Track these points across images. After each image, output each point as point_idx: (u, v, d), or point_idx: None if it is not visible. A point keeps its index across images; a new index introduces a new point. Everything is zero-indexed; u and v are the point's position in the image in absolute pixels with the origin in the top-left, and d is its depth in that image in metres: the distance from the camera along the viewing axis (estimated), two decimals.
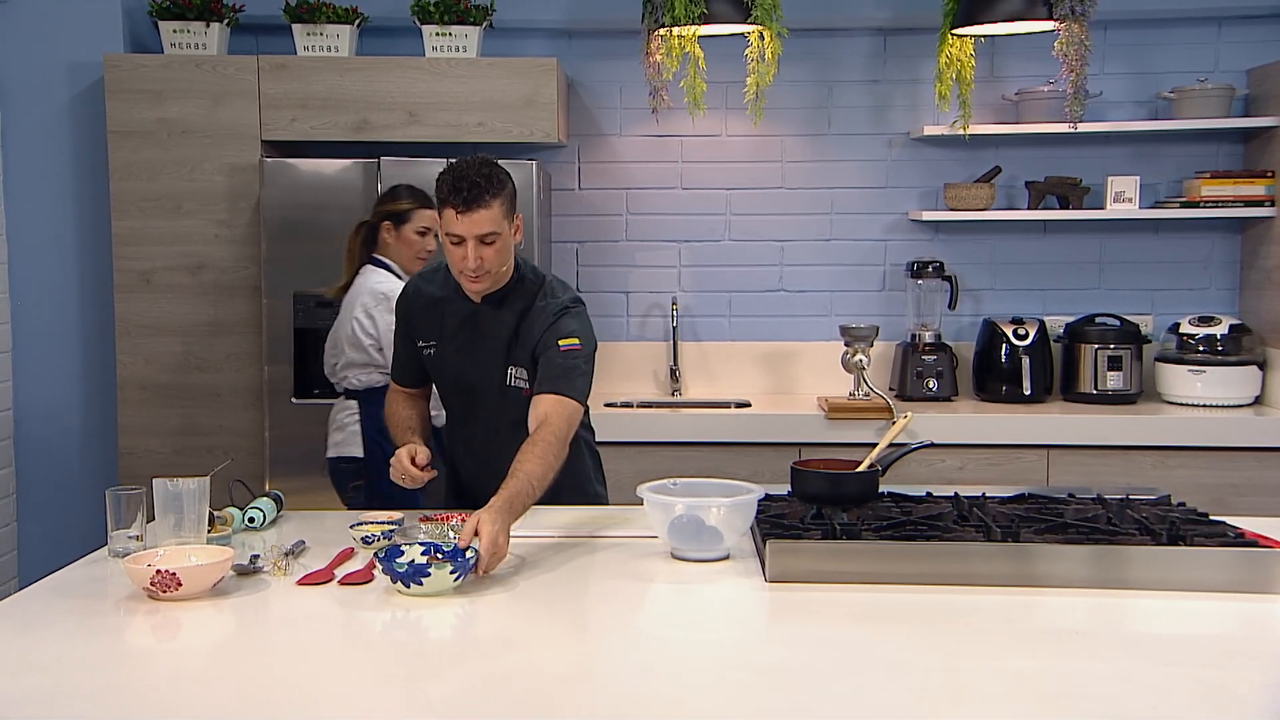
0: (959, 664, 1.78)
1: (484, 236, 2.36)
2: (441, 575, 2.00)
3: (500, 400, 2.55)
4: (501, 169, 2.41)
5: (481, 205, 2.33)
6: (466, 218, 2.33)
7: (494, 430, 2.57)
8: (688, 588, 2.12)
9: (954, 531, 2.18)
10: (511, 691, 1.65)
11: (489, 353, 2.53)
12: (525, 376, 2.51)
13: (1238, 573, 2.03)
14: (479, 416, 2.60)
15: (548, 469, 2.30)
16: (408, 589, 2.01)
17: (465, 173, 2.34)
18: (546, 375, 2.44)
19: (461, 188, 2.32)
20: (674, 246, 4.24)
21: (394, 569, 2.02)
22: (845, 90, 4.17)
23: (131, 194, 3.73)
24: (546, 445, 2.31)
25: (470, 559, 2.04)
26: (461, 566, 2.03)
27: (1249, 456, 3.62)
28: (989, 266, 4.18)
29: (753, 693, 1.65)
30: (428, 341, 2.60)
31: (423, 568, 2.01)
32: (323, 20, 3.77)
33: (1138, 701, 1.58)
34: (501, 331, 2.52)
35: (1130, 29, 4.08)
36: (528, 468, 2.26)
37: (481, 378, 2.55)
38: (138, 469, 3.66)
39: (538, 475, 2.26)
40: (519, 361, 2.52)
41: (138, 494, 2.25)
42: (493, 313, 2.52)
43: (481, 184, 2.33)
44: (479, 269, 2.39)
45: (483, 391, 2.57)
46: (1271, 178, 3.88)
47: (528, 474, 2.25)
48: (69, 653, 1.78)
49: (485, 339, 2.54)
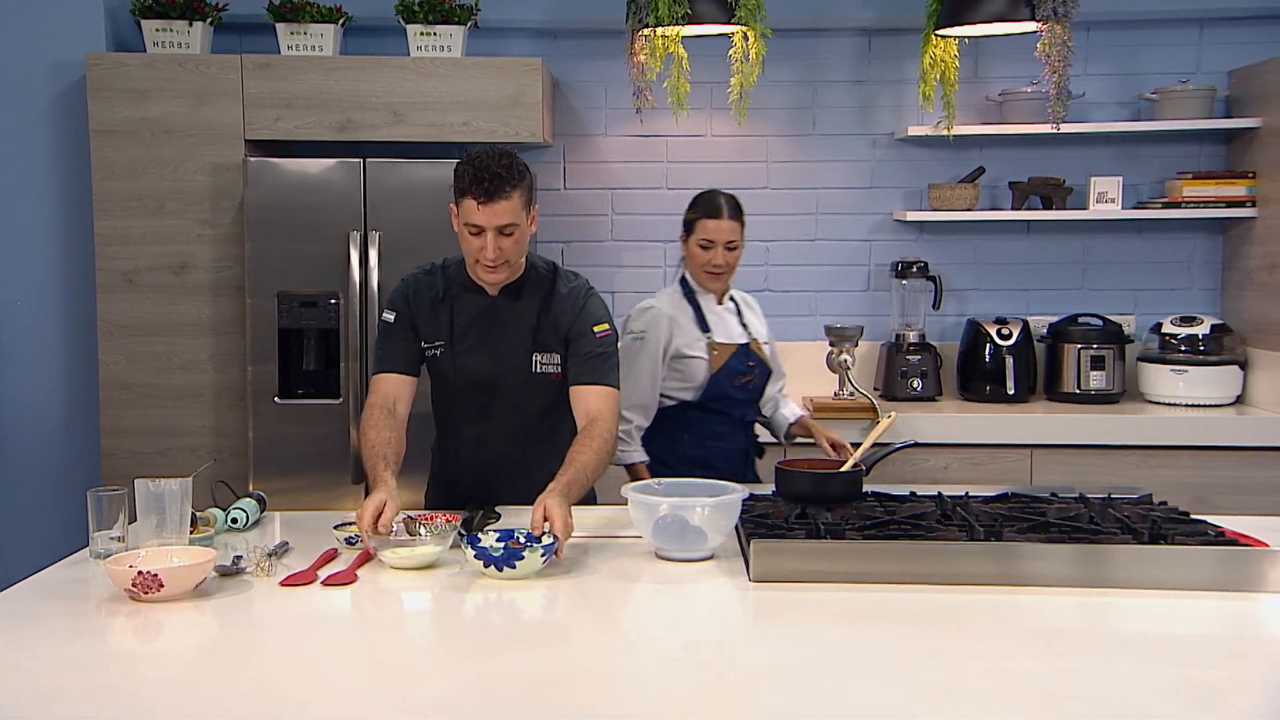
0: (942, 663, 1.79)
1: (504, 227, 2.38)
2: (533, 558, 2.10)
3: (526, 390, 2.56)
4: (521, 160, 2.43)
5: (503, 196, 2.35)
6: (487, 208, 2.36)
7: (515, 423, 2.57)
8: (672, 588, 2.12)
9: (937, 531, 2.18)
10: (497, 693, 1.65)
11: (512, 344, 2.54)
12: (556, 361, 2.55)
13: (1219, 571, 2.04)
14: (496, 411, 2.58)
15: (601, 464, 2.40)
16: (500, 572, 2.10)
17: (486, 164, 2.36)
18: (588, 366, 2.51)
19: (483, 178, 2.34)
20: (659, 246, 4.24)
21: (488, 554, 2.11)
22: (830, 91, 4.18)
23: (114, 193, 3.71)
24: (603, 441, 2.42)
25: (553, 543, 2.14)
26: (548, 549, 2.13)
27: (1231, 456, 3.65)
28: (973, 267, 4.20)
29: (736, 692, 1.65)
30: (432, 342, 2.57)
31: (517, 552, 2.10)
32: (307, 20, 3.76)
33: (1118, 699, 1.59)
34: (524, 321, 2.53)
35: (1113, 30, 4.10)
36: (584, 459, 2.36)
37: (503, 371, 2.54)
38: (121, 470, 3.64)
39: (592, 467, 2.37)
40: (547, 348, 2.54)
41: (120, 495, 2.24)
42: (512, 304, 2.54)
43: (503, 175, 2.35)
44: (498, 259, 2.41)
45: (504, 385, 2.55)
46: (1253, 178, 3.90)
47: (583, 465, 2.35)
48: (50, 654, 1.77)
49: (507, 330, 2.54)
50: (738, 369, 3.01)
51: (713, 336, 3.02)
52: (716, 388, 3.00)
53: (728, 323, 3.08)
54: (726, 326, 3.07)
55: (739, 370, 3.02)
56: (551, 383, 2.55)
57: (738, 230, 3.02)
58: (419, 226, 3.56)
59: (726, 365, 3.00)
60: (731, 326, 3.08)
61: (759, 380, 3.07)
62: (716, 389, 3.00)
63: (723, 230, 2.98)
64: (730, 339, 3.04)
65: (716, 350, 3.00)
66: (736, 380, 3.01)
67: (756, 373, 3.06)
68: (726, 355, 3.01)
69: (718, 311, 3.08)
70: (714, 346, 3.00)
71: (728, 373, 3.00)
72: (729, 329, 3.07)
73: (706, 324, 3.03)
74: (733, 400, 3.02)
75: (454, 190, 2.40)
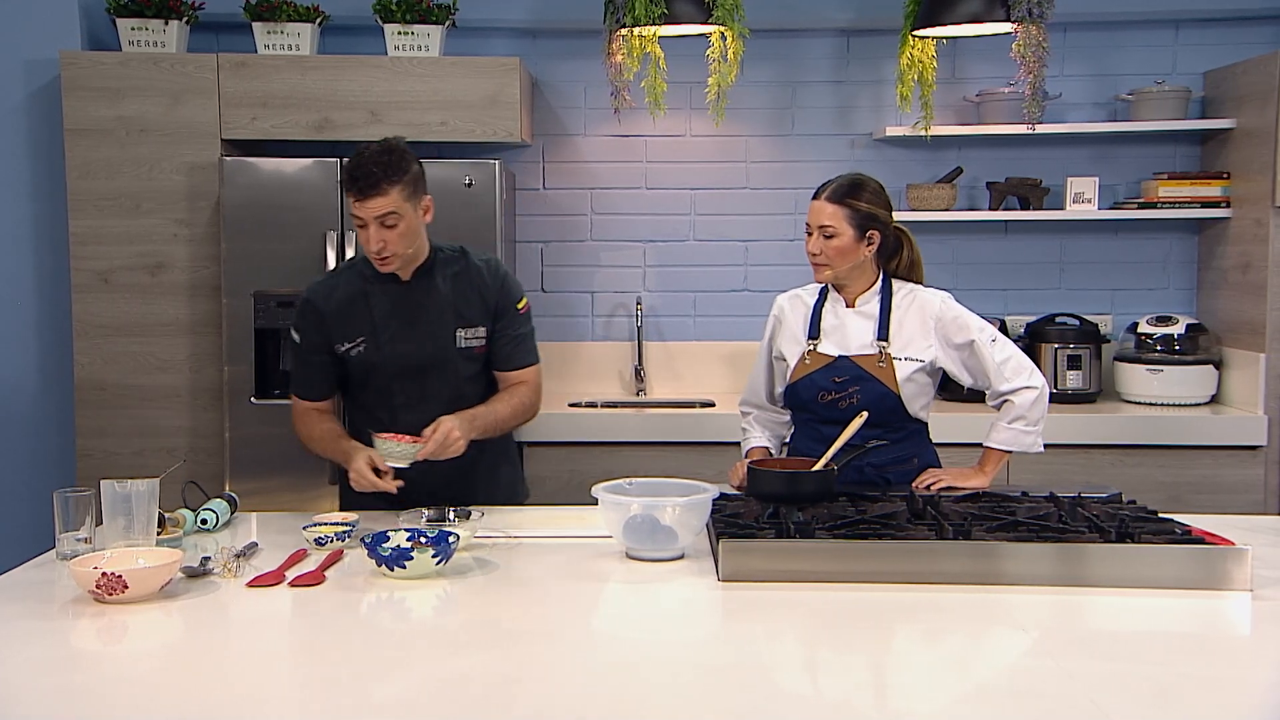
0: (910, 662, 1.80)
1: (383, 219, 2.46)
2: (424, 559, 2.10)
3: (455, 365, 2.63)
4: (402, 154, 2.50)
5: (377, 193, 2.45)
6: (363, 204, 2.46)
7: (450, 400, 2.60)
8: (642, 587, 2.12)
9: (907, 530, 2.19)
10: (463, 693, 1.64)
11: (434, 323, 2.60)
12: (481, 335, 2.64)
13: (1185, 570, 2.05)
14: (430, 392, 2.62)
15: (514, 417, 2.64)
16: (391, 572, 2.11)
17: (363, 161, 2.46)
18: (508, 353, 2.67)
19: (358, 176, 2.45)
20: (639, 246, 4.24)
21: (379, 553, 2.11)
22: (808, 91, 4.18)
23: (89, 193, 3.70)
24: (520, 400, 2.65)
25: (453, 544, 2.16)
26: (443, 551, 2.12)
27: (1205, 454, 3.66)
28: (951, 266, 4.20)
29: (706, 691, 1.65)
30: (354, 340, 2.61)
31: (406, 551, 2.10)
32: (283, 19, 3.75)
33: (1084, 697, 1.60)
34: (443, 299, 2.61)
35: (1089, 31, 4.12)
36: (498, 407, 2.61)
37: (430, 351, 2.60)
38: (97, 470, 3.61)
39: (504, 415, 2.61)
40: (470, 321, 2.63)
41: (86, 496, 2.23)
42: (426, 285, 2.61)
43: (378, 172, 2.45)
44: (382, 250, 2.50)
45: (434, 364, 2.61)
46: (1227, 179, 3.92)
47: (496, 410, 2.59)
48: (11, 655, 1.76)
49: (427, 311, 2.60)
50: (821, 384, 2.65)
51: (817, 344, 2.68)
52: (794, 398, 2.71)
53: (849, 330, 2.68)
54: (844, 334, 2.68)
55: (822, 386, 2.65)
56: (477, 356, 2.65)
57: (839, 215, 2.60)
58: None
59: (809, 378, 2.66)
60: (853, 335, 2.67)
61: (860, 400, 2.61)
62: (794, 399, 2.71)
63: (815, 211, 2.63)
64: (834, 350, 2.67)
65: (809, 359, 2.67)
66: (820, 396, 2.65)
67: (851, 391, 2.63)
68: (816, 366, 2.66)
69: (843, 316, 2.69)
70: (809, 355, 2.68)
71: (808, 385, 2.66)
72: (846, 338, 2.67)
73: (818, 329, 2.70)
74: (817, 416, 2.68)
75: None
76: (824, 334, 2.70)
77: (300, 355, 2.67)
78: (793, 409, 2.77)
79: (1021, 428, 2.64)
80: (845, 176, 2.69)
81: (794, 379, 2.70)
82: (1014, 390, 2.64)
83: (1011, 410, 2.64)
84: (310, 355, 2.64)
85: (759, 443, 2.83)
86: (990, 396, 2.70)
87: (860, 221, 2.62)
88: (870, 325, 2.67)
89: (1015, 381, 2.64)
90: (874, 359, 2.64)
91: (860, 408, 2.59)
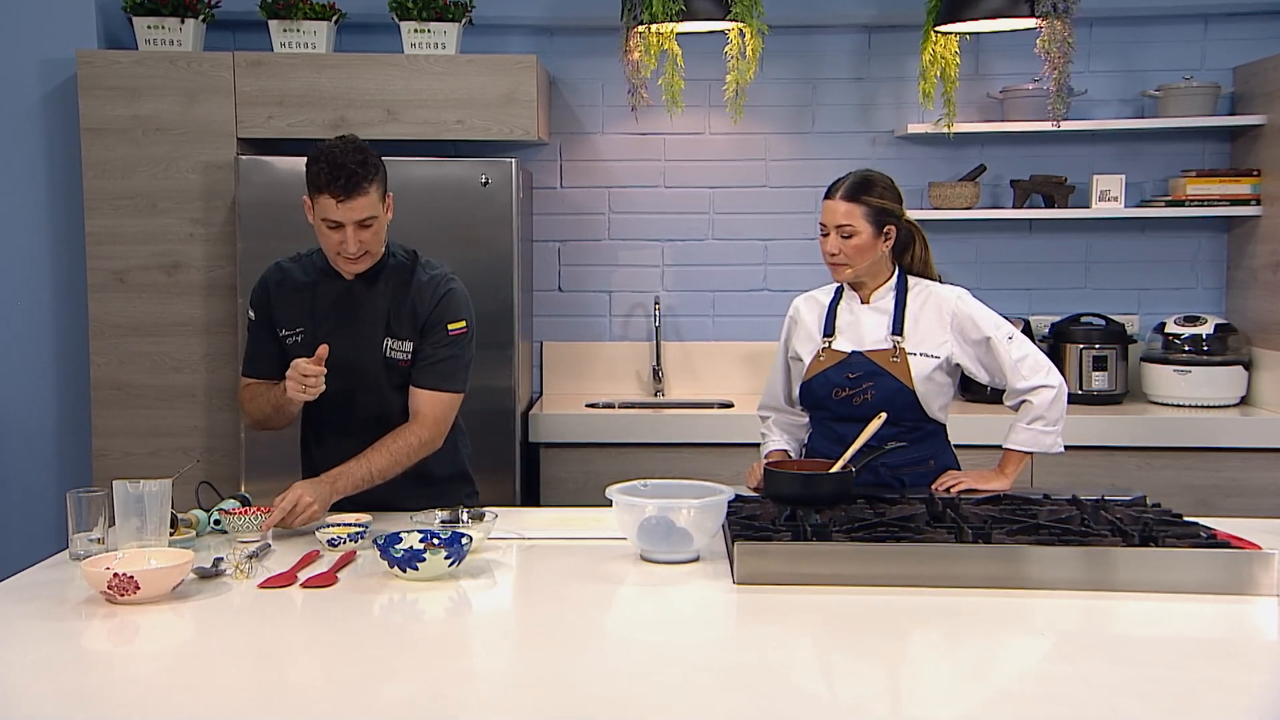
0: (927, 667, 1.76)
1: (363, 221, 2.41)
2: (437, 560, 2.07)
3: (381, 374, 2.57)
4: (373, 152, 2.45)
5: (360, 193, 2.39)
6: (346, 205, 2.39)
7: (379, 405, 2.57)
8: (656, 590, 2.09)
9: (926, 533, 2.15)
10: (475, 694, 1.62)
11: (367, 327, 2.55)
12: (407, 350, 2.56)
13: (1209, 574, 2.00)
14: (360, 395, 2.57)
15: (394, 467, 2.47)
16: (404, 573, 2.08)
17: (341, 160, 2.38)
18: (429, 368, 2.54)
19: (339, 176, 2.37)
20: (657, 245, 4.20)
21: (391, 554, 2.09)
22: (829, 88, 4.14)
23: (105, 192, 3.69)
24: (405, 444, 2.48)
25: (466, 546, 2.12)
26: (456, 553, 2.10)
27: (1234, 457, 3.59)
28: (974, 266, 4.15)
29: (719, 695, 1.62)
30: (293, 329, 2.58)
31: (419, 553, 2.08)
32: (300, 17, 3.74)
33: (1105, 702, 1.56)
34: (377, 305, 2.55)
35: (1116, 26, 4.05)
36: (372, 459, 2.45)
37: (361, 354, 2.55)
38: (112, 471, 3.61)
39: (380, 468, 2.45)
40: (398, 334, 2.56)
41: (99, 496, 2.21)
42: (367, 288, 2.56)
43: (359, 171, 2.38)
44: (359, 251, 2.45)
45: (363, 368, 2.56)
46: (1258, 176, 3.85)
47: (370, 464, 2.45)
48: (18, 656, 1.75)
49: (361, 314, 2.56)
50: (834, 380, 2.62)
51: (831, 341, 2.66)
52: (809, 396, 2.67)
53: (863, 326, 2.65)
54: (859, 330, 2.65)
55: (835, 382, 2.62)
56: (401, 369, 2.56)
57: (855, 213, 2.57)
58: (412, 224, 3.53)
59: (823, 374, 2.64)
60: (868, 331, 2.64)
61: (874, 395, 2.58)
62: (809, 397, 2.68)
63: (829, 211, 2.60)
64: (848, 345, 2.65)
65: (823, 356, 2.65)
66: (835, 392, 2.62)
67: (865, 387, 2.59)
68: (830, 363, 2.64)
69: (858, 313, 2.67)
70: (823, 352, 2.66)
71: (822, 381, 2.64)
72: (860, 333, 2.65)
73: (833, 326, 2.68)
74: (832, 414, 2.66)
75: (308, 185, 2.42)
76: (838, 331, 2.67)
77: (252, 331, 2.64)
78: (808, 408, 2.73)
79: (1040, 428, 2.59)
80: (855, 174, 2.65)
81: (808, 376, 2.67)
82: (1031, 389, 2.59)
83: (1030, 410, 2.60)
84: (260, 331, 2.62)
85: (778, 446, 2.79)
86: (1008, 396, 2.66)
87: (877, 217, 2.59)
88: (885, 320, 2.64)
89: (1033, 380, 2.59)
90: (888, 354, 2.60)
91: (875, 403, 2.56)
